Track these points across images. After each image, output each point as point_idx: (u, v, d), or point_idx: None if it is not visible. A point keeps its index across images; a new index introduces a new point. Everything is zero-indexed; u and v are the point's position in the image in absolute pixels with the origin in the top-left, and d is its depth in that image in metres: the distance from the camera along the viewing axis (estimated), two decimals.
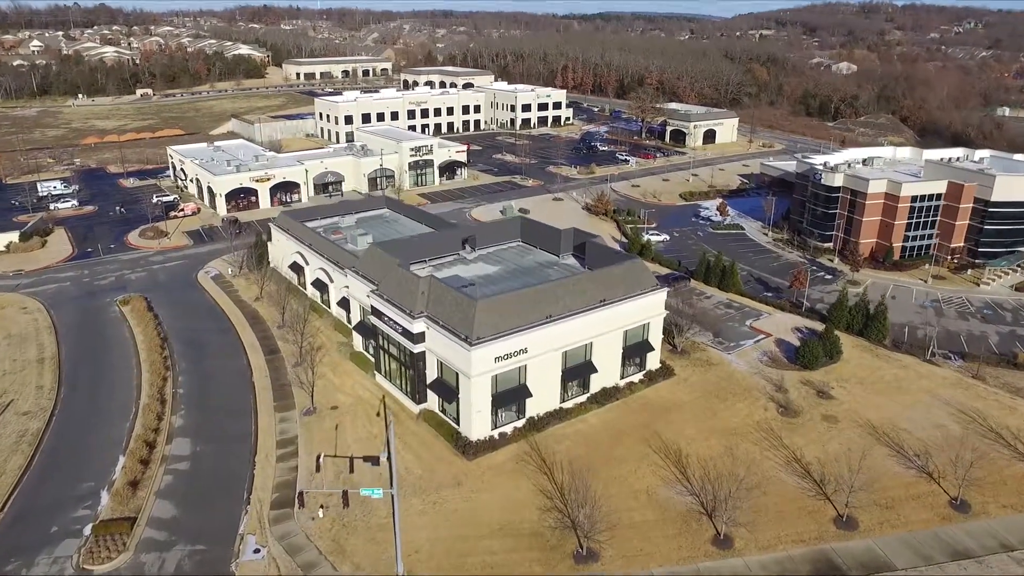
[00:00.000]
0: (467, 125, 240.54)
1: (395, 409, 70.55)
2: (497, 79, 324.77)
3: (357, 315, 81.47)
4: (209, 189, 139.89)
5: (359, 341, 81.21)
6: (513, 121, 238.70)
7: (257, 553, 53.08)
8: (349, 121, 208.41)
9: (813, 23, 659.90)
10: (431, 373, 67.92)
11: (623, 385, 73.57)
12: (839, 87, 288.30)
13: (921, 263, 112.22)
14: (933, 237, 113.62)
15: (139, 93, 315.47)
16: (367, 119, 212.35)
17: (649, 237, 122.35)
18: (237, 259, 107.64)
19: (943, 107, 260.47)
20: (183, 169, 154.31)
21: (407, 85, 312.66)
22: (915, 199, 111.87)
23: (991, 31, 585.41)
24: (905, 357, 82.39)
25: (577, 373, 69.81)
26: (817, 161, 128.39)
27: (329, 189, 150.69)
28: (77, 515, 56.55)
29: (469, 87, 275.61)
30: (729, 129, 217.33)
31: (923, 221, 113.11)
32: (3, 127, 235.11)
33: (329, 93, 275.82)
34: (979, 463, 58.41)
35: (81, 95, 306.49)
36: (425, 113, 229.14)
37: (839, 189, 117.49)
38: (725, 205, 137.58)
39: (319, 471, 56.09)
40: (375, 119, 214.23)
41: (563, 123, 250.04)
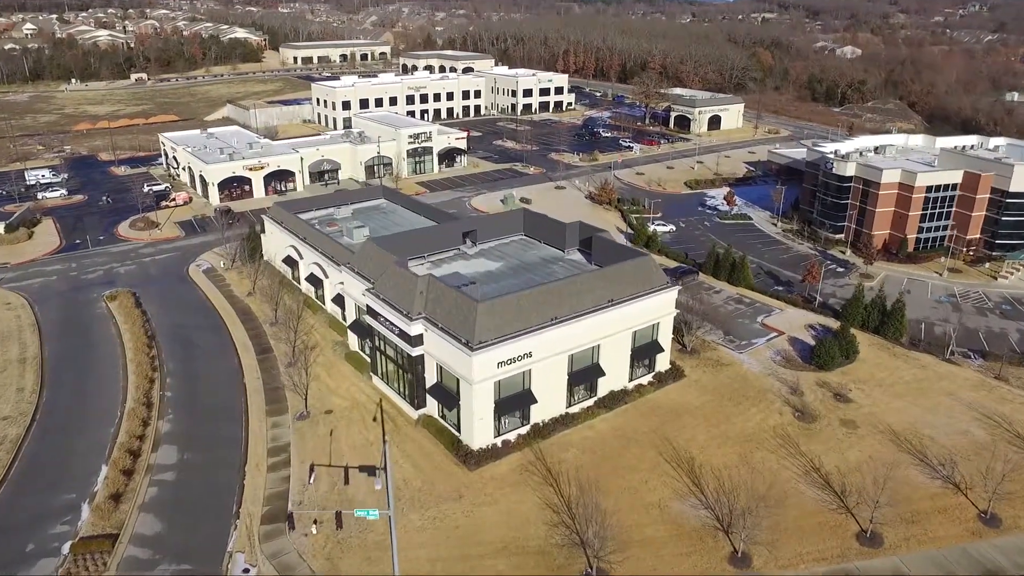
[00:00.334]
0: (467, 111, 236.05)
1: (392, 414, 67.26)
2: (497, 63, 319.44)
3: (352, 313, 77.90)
4: (201, 178, 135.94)
5: (355, 341, 77.83)
6: (514, 106, 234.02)
7: (247, 572, 49.96)
8: (347, 107, 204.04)
9: (816, 6, 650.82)
10: (430, 377, 64.53)
11: (631, 388, 70.18)
12: (845, 72, 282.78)
13: (936, 255, 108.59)
14: (948, 228, 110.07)
15: (133, 78, 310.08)
16: (365, 105, 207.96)
17: (655, 228, 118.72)
18: (229, 252, 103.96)
19: (951, 92, 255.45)
20: (175, 157, 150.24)
21: (406, 69, 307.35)
22: (930, 189, 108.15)
23: (996, 14, 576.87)
24: (924, 356, 79.05)
25: (584, 376, 66.43)
26: (828, 149, 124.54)
27: (325, 177, 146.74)
28: (56, 531, 53.32)
29: (469, 71, 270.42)
30: (734, 115, 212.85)
31: (938, 212, 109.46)
32: None
33: (326, 78, 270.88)
34: (1011, 475, 55.24)
35: (74, 80, 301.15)
36: (424, 98, 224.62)
37: (851, 179, 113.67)
38: (732, 194, 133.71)
39: (312, 482, 52.84)
40: (373, 105, 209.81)
41: (565, 108, 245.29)
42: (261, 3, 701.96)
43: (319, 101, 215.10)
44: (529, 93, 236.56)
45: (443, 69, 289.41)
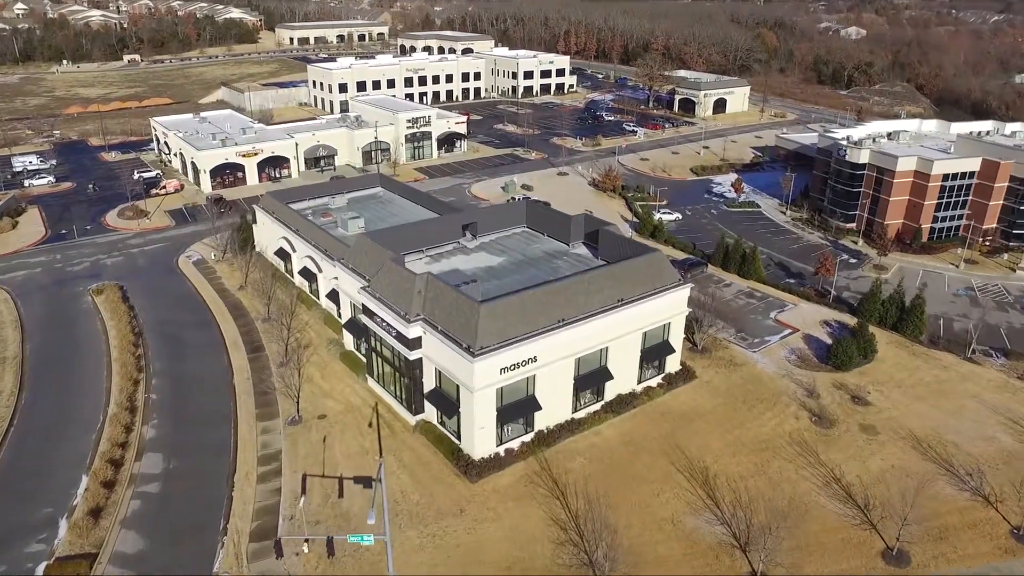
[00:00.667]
0: (467, 93, 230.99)
1: (389, 418, 63.92)
2: (497, 44, 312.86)
3: (348, 311, 74.22)
4: (193, 164, 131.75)
5: (350, 340, 74.32)
6: (515, 89, 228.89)
7: None
8: (343, 89, 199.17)
9: None
10: (429, 382, 61.04)
11: (640, 391, 66.77)
12: (852, 53, 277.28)
13: (951, 246, 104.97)
14: (964, 218, 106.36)
15: (126, 59, 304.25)
16: (362, 87, 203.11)
17: (661, 216, 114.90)
18: (220, 242, 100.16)
19: (960, 74, 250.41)
20: (167, 142, 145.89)
21: (404, 51, 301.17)
22: (947, 177, 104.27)
23: None
24: (944, 355, 75.66)
25: (591, 380, 62.99)
26: (840, 135, 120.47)
27: (321, 164, 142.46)
28: (30, 550, 50.02)
29: (468, 53, 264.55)
30: (740, 98, 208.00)
31: (954, 201, 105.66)
32: None
33: (323, 59, 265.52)
34: None
35: (66, 61, 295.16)
36: (423, 81, 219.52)
37: (864, 166, 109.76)
38: (740, 181, 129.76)
39: (304, 502, 49.57)
40: (371, 87, 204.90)
41: (567, 91, 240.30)
42: None
43: (315, 83, 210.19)
44: (530, 75, 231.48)
45: (442, 50, 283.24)
